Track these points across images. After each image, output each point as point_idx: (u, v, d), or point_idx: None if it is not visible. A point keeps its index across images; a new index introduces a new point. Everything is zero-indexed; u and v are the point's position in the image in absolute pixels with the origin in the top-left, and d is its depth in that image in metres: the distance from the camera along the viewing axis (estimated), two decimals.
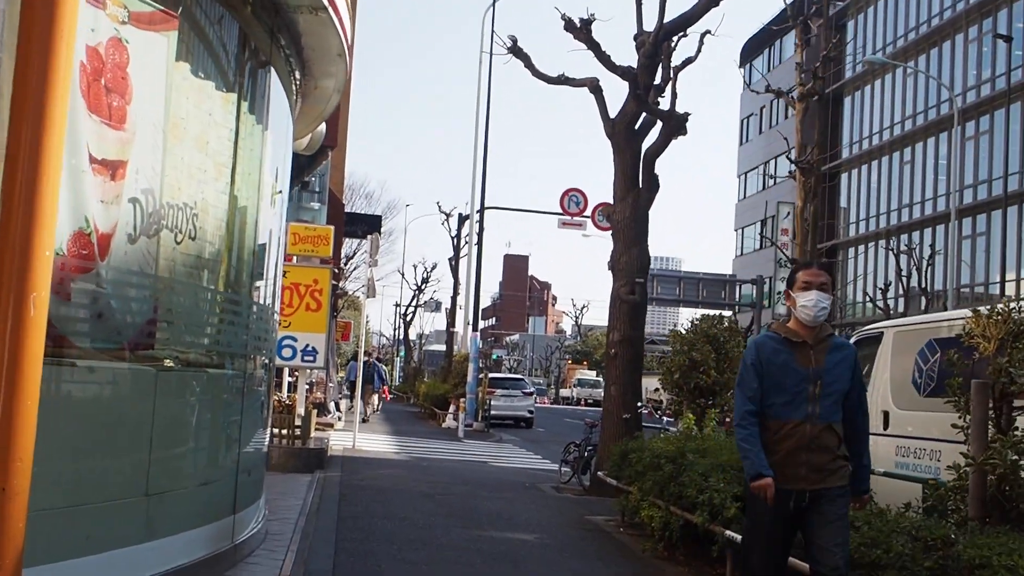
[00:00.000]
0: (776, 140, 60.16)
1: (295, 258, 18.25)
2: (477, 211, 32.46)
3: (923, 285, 39.42)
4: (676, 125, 12.75)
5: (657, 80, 13.27)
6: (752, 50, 64.57)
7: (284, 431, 14.09)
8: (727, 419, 9.93)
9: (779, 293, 53.34)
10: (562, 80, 13.57)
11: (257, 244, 7.54)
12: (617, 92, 13.12)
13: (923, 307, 39.58)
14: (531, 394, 34.41)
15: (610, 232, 13.41)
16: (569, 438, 28.41)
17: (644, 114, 13.41)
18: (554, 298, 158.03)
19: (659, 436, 9.74)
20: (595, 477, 13.12)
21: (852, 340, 9.79)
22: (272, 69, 7.60)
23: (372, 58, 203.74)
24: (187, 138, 6.02)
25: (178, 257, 5.81)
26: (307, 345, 16.53)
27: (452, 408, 28.81)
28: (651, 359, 53.56)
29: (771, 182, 60.83)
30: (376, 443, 20.54)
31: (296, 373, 19.03)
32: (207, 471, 6.33)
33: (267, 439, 8.49)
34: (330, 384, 27.87)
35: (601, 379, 76.15)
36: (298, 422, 14.63)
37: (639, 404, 12.14)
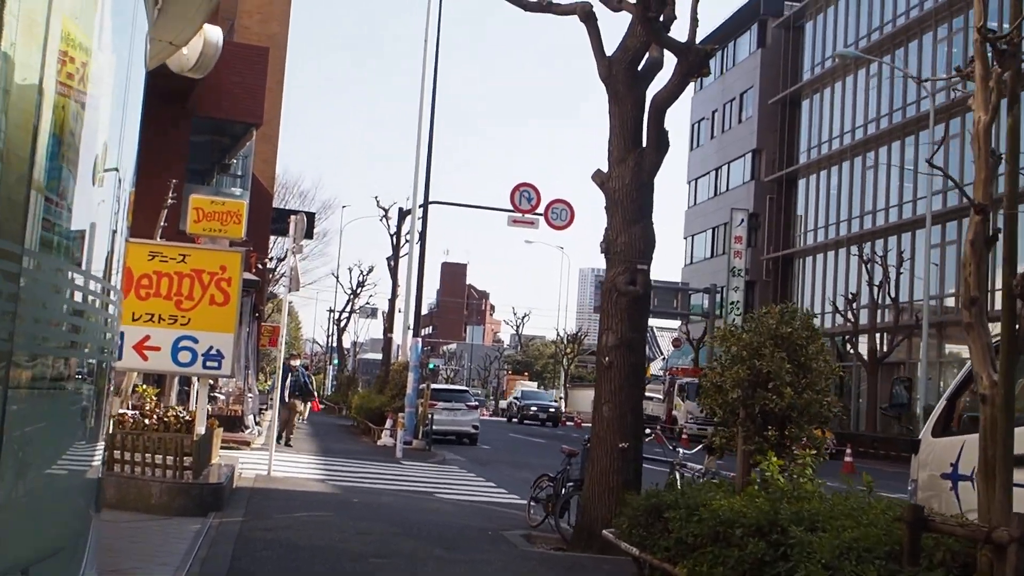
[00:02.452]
0: (729, 144, 58.00)
1: (204, 240, 15.08)
2: (420, 206, 29.23)
3: (893, 295, 37.25)
4: (696, 62, 9.74)
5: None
6: None
7: (169, 459, 10.71)
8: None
9: (732, 303, 50.76)
10: (546, 6, 10.47)
11: (58, 154, 4.26)
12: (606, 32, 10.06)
13: (895, 318, 37.29)
14: (476, 407, 31.22)
15: (603, 205, 10.32)
16: (517, 457, 25.45)
17: (648, 54, 10.40)
18: (492, 307, 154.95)
19: (701, 481, 6.58)
20: (581, 524, 10.01)
21: None
22: None
23: (309, 47, 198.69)
24: None
25: None
26: (211, 348, 13.28)
27: (389, 423, 25.46)
28: (591, 372, 50.07)
29: (724, 188, 58.54)
30: (298, 466, 17.13)
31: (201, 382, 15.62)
32: None
33: (91, 494, 5.16)
34: (249, 395, 24.30)
35: (543, 391, 73.19)
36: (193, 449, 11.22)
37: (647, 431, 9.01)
